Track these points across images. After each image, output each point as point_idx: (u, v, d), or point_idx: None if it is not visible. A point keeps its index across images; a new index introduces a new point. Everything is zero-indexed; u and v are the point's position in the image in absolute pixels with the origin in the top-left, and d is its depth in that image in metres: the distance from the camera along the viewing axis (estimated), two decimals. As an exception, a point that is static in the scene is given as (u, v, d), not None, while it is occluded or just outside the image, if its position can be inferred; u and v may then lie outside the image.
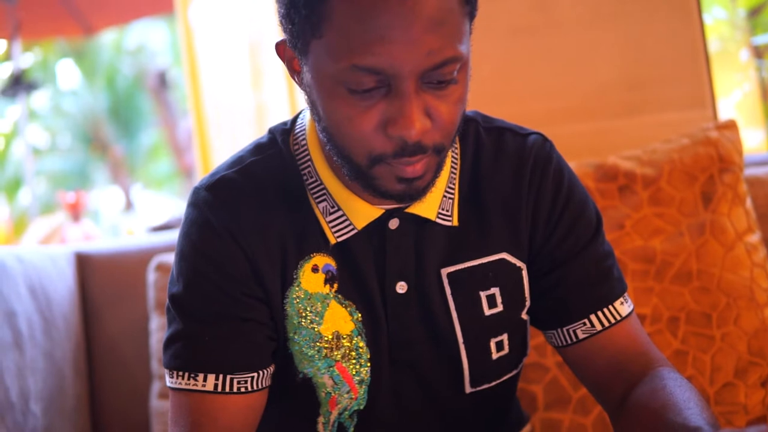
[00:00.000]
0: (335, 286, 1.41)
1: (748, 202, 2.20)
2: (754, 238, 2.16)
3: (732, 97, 3.73)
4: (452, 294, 1.43)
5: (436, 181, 1.33)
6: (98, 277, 2.49)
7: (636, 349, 1.46)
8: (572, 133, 2.54)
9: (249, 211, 1.39)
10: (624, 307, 1.47)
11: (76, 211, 3.50)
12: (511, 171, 1.46)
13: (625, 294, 1.48)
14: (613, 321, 1.46)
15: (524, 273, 1.46)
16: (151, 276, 2.35)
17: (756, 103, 4.05)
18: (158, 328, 2.31)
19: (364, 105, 1.23)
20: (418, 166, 1.27)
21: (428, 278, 1.42)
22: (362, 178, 1.31)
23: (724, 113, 2.83)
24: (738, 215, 2.15)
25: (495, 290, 1.45)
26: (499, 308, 1.45)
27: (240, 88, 3.70)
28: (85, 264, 2.51)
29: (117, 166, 9.24)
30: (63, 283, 2.40)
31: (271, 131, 1.46)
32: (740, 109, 3.99)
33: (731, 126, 2.25)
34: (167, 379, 1.41)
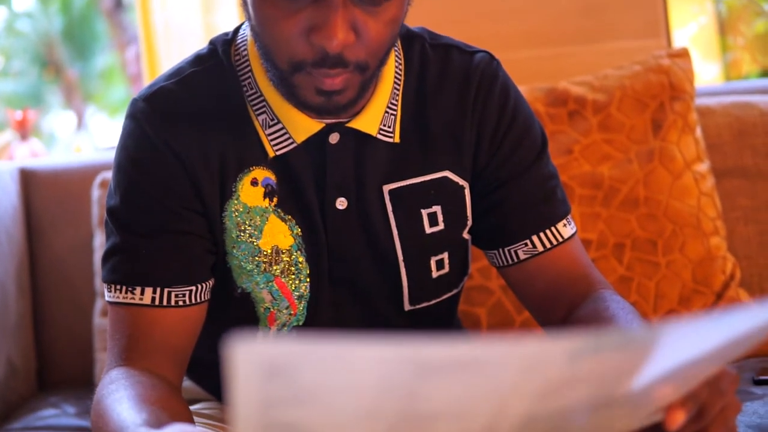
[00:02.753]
0: (275, 200, 1.39)
1: (698, 132, 2.19)
2: (703, 167, 2.16)
3: (688, 29, 3.71)
4: (393, 211, 1.42)
5: (361, 101, 1.33)
6: (43, 194, 2.46)
7: (578, 272, 1.46)
8: (526, 58, 2.53)
9: (187, 122, 1.37)
10: (566, 229, 1.46)
11: (23, 129, 3.45)
12: (457, 88, 1.44)
13: (569, 216, 1.48)
14: (555, 242, 1.45)
15: (467, 192, 1.45)
16: (96, 193, 2.32)
17: (712, 37, 4.04)
18: (102, 246, 2.28)
19: (292, 8, 1.22)
20: (337, 80, 1.25)
21: (369, 195, 1.41)
22: (284, 85, 1.30)
23: (679, 45, 2.81)
24: (687, 144, 2.14)
25: (436, 208, 1.44)
26: (440, 226, 1.44)
27: (190, 10, 3.65)
28: (29, 180, 2.48)
29: (71, 89, 9.12)
30: (7, 200, 2.37)
31: (212, 42, 1.44)
32: (696, 42, 3.97)
33: (684, 54, 2.24)
34: (105, 293, 1.39)
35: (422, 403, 0.75)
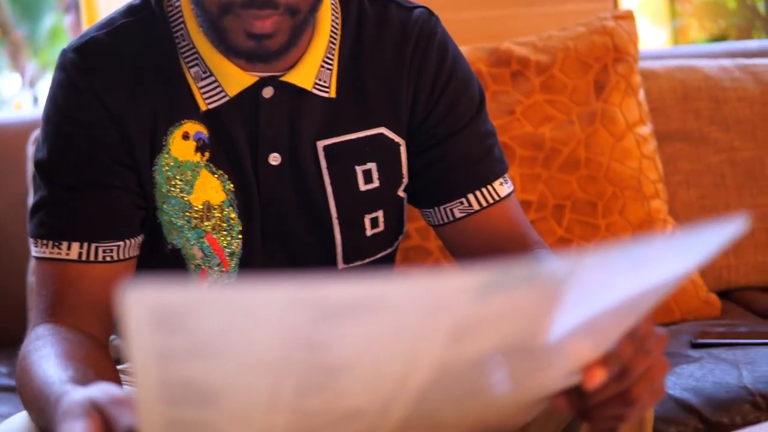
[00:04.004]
0: (207, 154, 1.36)
1: (641, 94, 2.19)
2: (645, 129, 2.15)
3: (637, -6, 3.71)
4: (327, 167, 1.40)
5: (293, 49, 1.31)
6: (-22, 150, 2.42)
7: (514, 231, 1.44)
8: (471, 18, 2.51)
9: (118, 74, 1.34)
10: (503, 187, 1.45)
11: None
12: (394, 44, 1.42)
13: (506, 175, 1.46)
14: (491, 201, 1.43)
15: (403, 149, 1.43)
16: (30, 149, 2.28)
17: (661, 3, 4.04)
18: (36, 203, 2.24)
19: None
20: (267, 22, 1.23)
21: (303, 150, 1.38)
22: (214, 30, 1.28)
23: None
24: (630, 106, 2.14)
25: (372, 165, 1.42)
26: (375, 184, 1.42)
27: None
28: (-35, 136, 2.44)
29: (17, 50, 9.01)
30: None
31: None
32: (645, 9, 3.97)
33: (628, 16, 2.23)
34: (32, 248, 1.36)
35: (327, 353, 0.72)
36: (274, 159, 1.37)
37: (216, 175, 1.37)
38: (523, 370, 0.87)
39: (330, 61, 1.39)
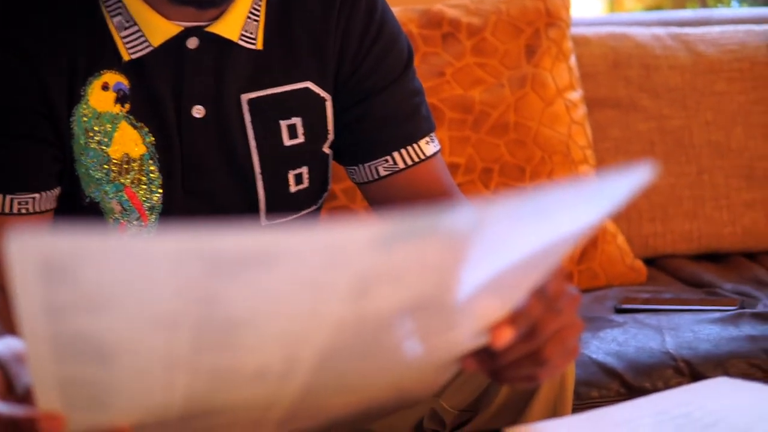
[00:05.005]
0: (127, 106, 1.33)
1: (573, 60, 2.18)
2: (575, 95, 2.15)
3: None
4: (252, 121, 1.37)
5: None
6: None
7: (438, 191, 1.43)
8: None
9: (35, 22, 1.31)
10: (429, 146, 1.43)
11: None
12: (322, -2, 1.40)
13: (432, 134, 1.44)
14: (416, 160, 1.42)
15: (329, 104, 1.41)
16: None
17: (596, -27, 4.04)
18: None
19: None
20: None
21: (227, 103, 1.36)
22: None
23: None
24: (560, 71, 2.13)
25: (297, 120, 1.39)
26: (300, 139, 1.40)
27: None
28: None
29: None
30: None
31: None
32: (580, -23, 3.96)
33: (561, -18, 2.22)
34: None
35: (223, 308, 0.69)
36: (198, 112, 1.34)
37: (136, 128, 1.34)
38: (432, 329, 0.85)
39: (257, 13, 1.36)
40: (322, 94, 1.40)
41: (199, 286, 0.66)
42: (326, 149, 1.43)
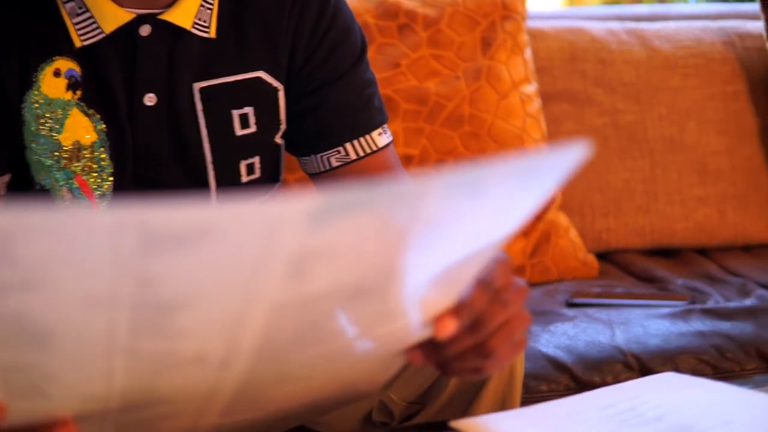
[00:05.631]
0: (78, 92, 1.32)
1: (528, 53, 2.18)
2: (530, 88, 2.15)
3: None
4: (204, 110, 1.36)
5: None
6: None
7: (391, 182, 1.42)
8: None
9: None
10: (382, 138, 1.43)
11: None
12: (276, -14, 1.39)
13: (385, 126, 1.44)
14: (368, 151, 1.41)
15: (281, 94, 1.40)
16: None
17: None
18: None
19: None
20: None
21: (179, 92, 1.35)
22: None
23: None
24: (516, 64, 2.13)
25: (249, 110, 1.39)
26: (252, 129, 1.39)
27: None
28: None
29: None
30: None
31: None
32: (539, -30, 3.97)
33: (517, -25, 2.22)
34: None
35: (158, 288, 0.68)
36: (150, 100, 1.33)
37: (87, 115, 1.33)
38: (375, 319, 0.85)
39: (210, 1, 1.35)
40: (275, 83, 1.40)
41: (134, 262, 0.65)
42: (278, 139, 1.43)
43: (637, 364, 1.77)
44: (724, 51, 2.48)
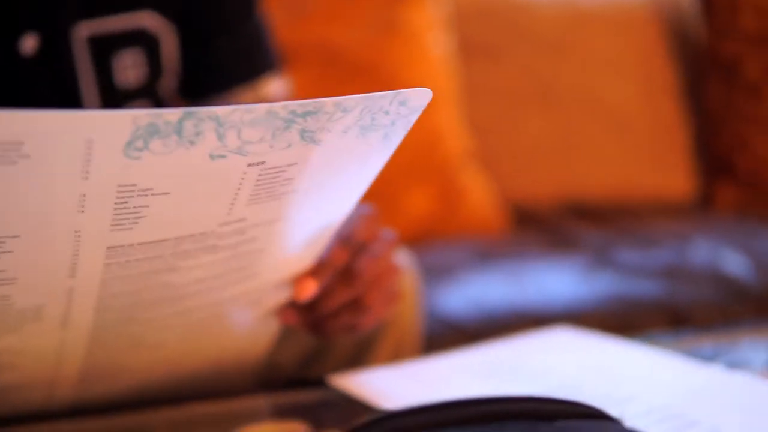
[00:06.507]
0: None
1: (441, 3, 2.14)
2: (442, 40, 2.12)
3: None
4: (85, 55, 1.31)
5: None
6: None
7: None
8: None
9: None
10: (275, 85, 1.38)
11: None
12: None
13: (279, 72, 1.40)
14: (260, 97, 1.37)
15: (168, 39, 1.35)
16: None
17: None
18: None
19: None
20: None
21: (58, 36, 1.28)
22: None
23: None
24: (427, 15, 2.12)
25: (134, 55, 1.33)
26: (138, 75, 1.34)
27: None
28: None
29: None
30: None
31: None
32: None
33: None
34: None
35: None
36: (26, 45, 1.27)
37: None
38: (223, 274, 0.80)
39: None
40: (161, 28, 1.34)
41: None
42: (169, 87, 1.38)
43: (541, 322, 1.74)
44: (641, 5, 2.46)
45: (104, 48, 1.31)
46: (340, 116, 0.68)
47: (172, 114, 0.61)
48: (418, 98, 0.72)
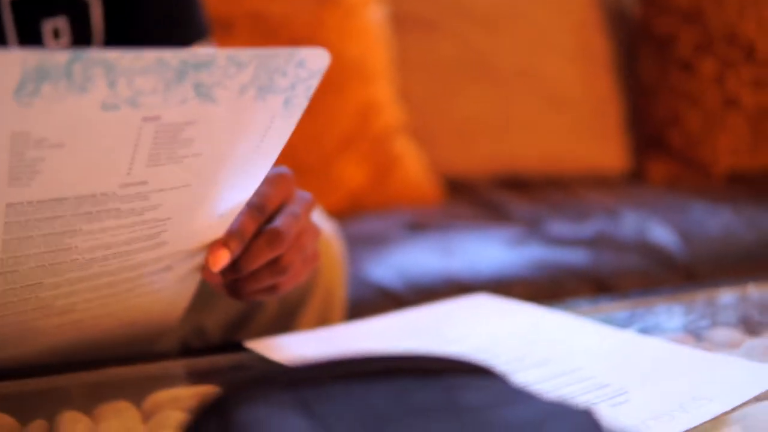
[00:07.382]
0: None
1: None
2: (377, 12, 2.12)
3: None
4: (14, 22, 1.29)
5: None
6: None
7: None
8: None
9: None
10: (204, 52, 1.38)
11: None
12: None
13: (209, 38, 1.39)
14: (187, 66, 1.36)
15: (96, 5, 1.34)
16: None
17: None
18: None
19: None
20: None
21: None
22: None
23: None
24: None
25: (62, 21, 1.32)
26: (65, 41, 1.33)
27: None
28: None
29: None
30: None
31: None
32: None
33: None
34: None
35: None
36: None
37: None
38: (129, 239, 0.78)
39: None
40: (88, -7, 1.33)
41: None
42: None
43: (470, 290, 1.75)
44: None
45: (29, 13, 1.29)
46: (235, 71, 0.67)
47: (60, 55, 0.60)
48: (316, 60, 0.71)
